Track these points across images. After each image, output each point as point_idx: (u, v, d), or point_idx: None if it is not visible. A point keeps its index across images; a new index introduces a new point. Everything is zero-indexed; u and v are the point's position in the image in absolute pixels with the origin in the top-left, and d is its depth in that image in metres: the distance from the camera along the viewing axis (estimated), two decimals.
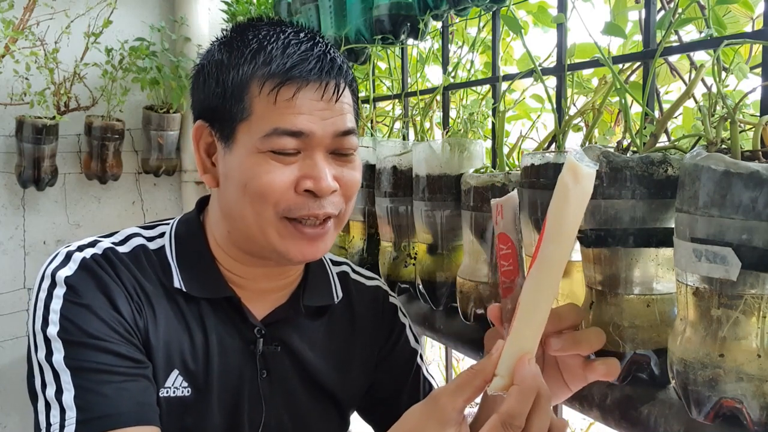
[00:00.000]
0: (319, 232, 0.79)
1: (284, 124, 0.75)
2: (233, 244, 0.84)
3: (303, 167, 0.77)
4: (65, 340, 0.74)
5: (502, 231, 0.66)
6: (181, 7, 2.37)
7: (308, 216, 0.77)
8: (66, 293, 0.77)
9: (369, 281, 1.01)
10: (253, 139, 0.76)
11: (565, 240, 0.59)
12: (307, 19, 1.46)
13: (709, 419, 0.59)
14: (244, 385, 0.85)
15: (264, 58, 0.76)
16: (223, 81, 0.78)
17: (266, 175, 0.76)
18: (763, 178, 0.53)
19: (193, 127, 0.84)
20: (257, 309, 0.87)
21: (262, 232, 0.78)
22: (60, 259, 0.80)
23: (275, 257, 0.81)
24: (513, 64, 1.39)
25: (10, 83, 2.09)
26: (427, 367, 1.01)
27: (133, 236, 0.86)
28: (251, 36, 0.79)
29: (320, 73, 0.76)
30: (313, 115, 0.76)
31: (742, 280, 0.55)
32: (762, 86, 0.66)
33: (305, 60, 0.76)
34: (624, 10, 1.01)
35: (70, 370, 0.73)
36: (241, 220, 0.80)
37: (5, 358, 2.18)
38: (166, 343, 0.81)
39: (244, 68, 0.77)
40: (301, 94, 0.76)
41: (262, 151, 0.76)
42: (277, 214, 0.77)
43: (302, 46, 0.77)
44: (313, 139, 0.77)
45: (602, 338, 0.68)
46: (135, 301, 0.80)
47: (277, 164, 0.76)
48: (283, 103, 0.75)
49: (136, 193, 2.43)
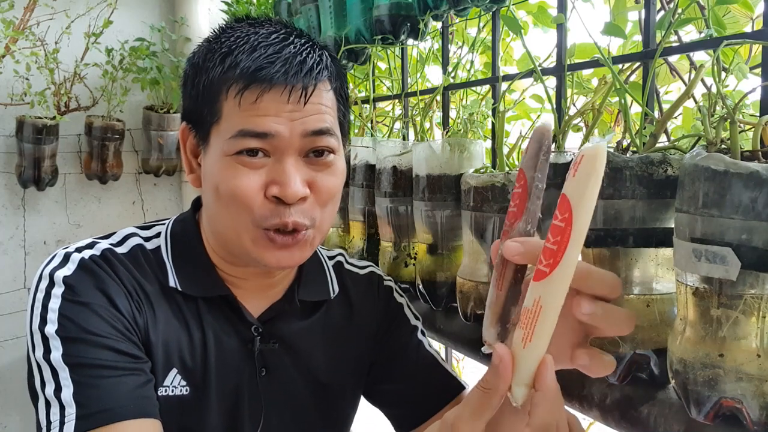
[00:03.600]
0: (290, 241, 0.77)
1: (248, 125, 0.74)
2: (219, 244, 0.85)
3: (271, 172, 0.76)
4: (63, 338, 0.74)
5: (522, 166, 0.57)
6: (181, 8, 2.38)
7: (277, 225, 0.76)
8: (64, 292, 0.76)
9: (362, 270, 1.01)
10: (221, 142, 0.76)
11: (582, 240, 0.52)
12: (307, 20, 1.47)
13: (708, 419, 0.59)
14: (243, 383, 0.85)
15: (231, 61, 0.76)
16: (197, 83, 0.79)
17: (234, 180, 0.75)
18: (762, 178, 0.53)
19: (179, 129, 0.84)
20: (253, 307, 0.87)
21: (237, 237, 0.78)
22: (58, 260, 0.80)
23: (252, 262, 0.81)
24: (513, 64, 1.39)
25: (10, 83, 2.09)
26: (429, 341, 1.00)
27: (131, 237, 0.87)
28: (224, 38, 0.78)
29: (285, 76, 0.74)
30: (280, 116, 0.75)
31: (742, 280, 0.55)
32: (762, 86, 0.66)
33: (271, 63, 0.75)
34: (624, 10, 1.01)
35: (68, 366, 0.73)
36: (219, 223, 0.80)
37: (5, 358, 2.18)
38: (165, 341, 0.81)
39: (215, 71, 0.77)
40: (266, 96, 0.74)
41: (229, 154, 0.75)
42: (252, 222, 0.76)
43: (270, 48, 0.76)
44: (281, 141, 0.75)
45: (632, 325, 0.58)
46: (135, 299, 0.80)
47: (245, 169, 0.75)
48: (248, 106, 0.74)
49: (137, 193, 2.43)
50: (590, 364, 0.58)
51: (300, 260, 0.81)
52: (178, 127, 1.95)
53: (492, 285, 0.59)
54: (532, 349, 0.53)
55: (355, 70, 1.51)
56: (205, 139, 0.79)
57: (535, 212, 0.55)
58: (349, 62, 1.37)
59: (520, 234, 0.57)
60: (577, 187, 0.49)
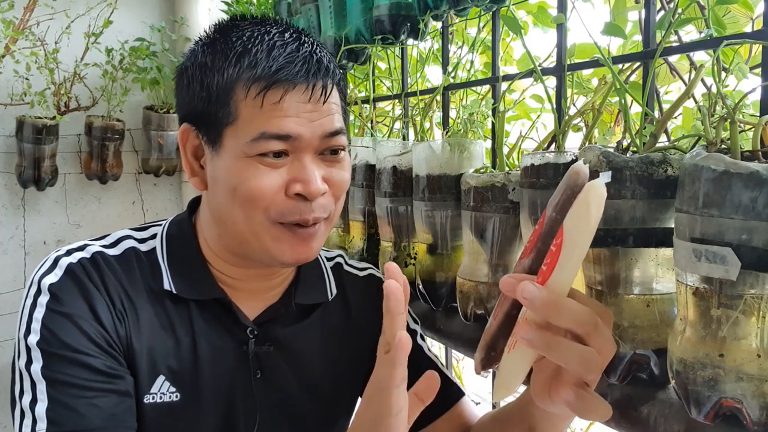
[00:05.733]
0: (310, 232, 0.79)
1: (271, 128, 0.74)
2: (223, 246, 0.84)
3: (292, 170, 0.76)
4: (44, 351, 0.75)
5: (549, 202, 0.57)
6: (181, 8, 2.38)
7: (298, 221, 0.77)
8: (49, 301, 0.77)
9: (362, 271, 1.01)
10: (240, 144, 0.75)
11: (574, 271, 0.53)
12: (307, 20, 1.47)
13: (708, 419, 0.59)
14: (237, 386, 0.84)
15: (249, 60, 0.75)
16: (207, 84, 0.77)
17: (254, 180, 0.75)
18: (762, 178, 0.53)
19: (178, 130, 0.83)
20: (249, 309, 0.86)
21: (254, 236, 0.78)
22: (47, 265, 0.80)
23: (268, 260, 0.81)
24: (513, 64, 1.39)
25: (10, 83, 2.09)
26: (428, 346, 0.99)
27: (125, 239, 0.86)
28: (235, 37, 0.77)
29: (307, 74, 0.75)
30: (300, 117, 0.75)
31: (742, 280, 0.55)
32: (762, 86, 0.66)
33: (291, 62, 0.75)
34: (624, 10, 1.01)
35: (46, 380, 0.74)
36: (232, 224, 0.79)
37: (5, 358, 2.18)
38: (150, 349, 0.80)
39: (229, 71, 0.76)
40: (288, 96, 0.74)
41: (250, 155, 0.75)
42: (269, 219, 0.77)
43: (288, 47, 0.76)
44: (301, 142, 0.76)
45: (608, 415, 0.58)
46: (118, 308, 0.80)
47: (266, 168, 0.75)
48: (270, 107, 0.74)
49: (137, 193, 2.43)
50: (576, 404, 0.57)
51: (315, 253, 0.81)
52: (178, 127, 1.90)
53: (492, 314, 0.61)
54: (512, 356, 0.57)
55: (355, 70, 1.51)
56: (217, 140, 0.77)
57: (544, 252, 0.55)
58: (349, 62, 1.37)
59: (524, 271, 0.58)
60: (570, 218, 0.51)
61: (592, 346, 0.55)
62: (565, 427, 0.82)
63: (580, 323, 0.54)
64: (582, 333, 0.55)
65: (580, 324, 0.54)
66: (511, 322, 0.58)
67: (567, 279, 0.53)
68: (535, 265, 0.56)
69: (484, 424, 0.91)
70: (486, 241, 0.93)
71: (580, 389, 0.57)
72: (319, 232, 0.80)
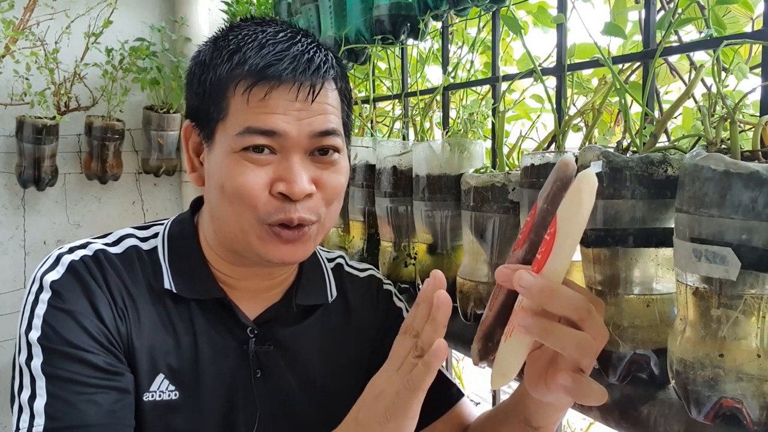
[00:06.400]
0: (296, 235, 0.78)
1: (256, 123, 0.75)
2: (220, 244, 0.84)
3: (278, 169, 0.76)
4: (44, 347, 0.75)
5: (539, 194, 0.59)
6: (181, 8, 2.38)
7: (282, 221, 0.76)
8: (51, 298, 0.77)
9: (362, 272, 1.01)
10: (227, 139, 0.76)
11: (567, 259, 0.55)
12: (307, 20, 1.47)
13: (708, 419, 0.59)
14: (238, 385, 0.84)
15: (239, 58, 0.76)
16: (203, 81, 0.79)
17: (240, 176, 0.75)
18: (762, 178, 0.53)
19: (182, 127, 0.84)
20: (249, 309, 0.87)
21: (242, 233, 0.78)
22: (50, 263, 0.81)
23: (256, 258, 0.81)
24: (513, 64, 1.39)
25: (10, 83, 2.09)
26: None
27: (127, 237, 0.87)
28: (231, 36, 0.79)
29: (294, 72, 0.75)
30: (288, 115, 0.75)
31: (742, 280, 0.55)
32: (762, 86, 0.66)
33: (280, 60, 0.75)
34: (624, 10, 1.01)
35: (45, 376, 0.74)
36: (223, 221, 0.80)
37: (5, 358, 2.18)
38: (150, 347, 0.81)
39: (222, 68, 0.77)
40: (274, 93, 0.75)
41: (236, 151, 0.75)
42: (257, 219, 0.77)
43: (278, 46, 0.77)
44: (288, 140, 0.75)
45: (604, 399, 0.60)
46: (119, 306, 0.80)
47: (251, 165, 0.75)
48: (256, 103, 0.75)
49: (137, 193, 2.43)
50: (573, 388, 0.59)
51: (303, 256, 0.81)
52: (178, 127, 1.92)
53: (487, 305, 0.62)
54: (509, 344, 0.58)
55: (355, 70, 1.51)
56: (210, 136, 0.79)
57: (537, 242, 0.57)
58: (349, 62, 1.37)
59: (518, 261, 0.59)
60: (563, 207, 0.53)
61: (586, 332, 0.57)
62: (560, 417, 0.82)
63: (575, 309, 0.56)
64: (577, 318, 0.56)
65: (575, 309, 0.56)
66: (507, 312, 0.60)
67: (561, 267, 0.54)
68: (528, 255, 0.58)
69: (481, 422, 0.92)
70: (486, 241, 0.93)
71: (576, 374, 0.59)
72: (306, 236, 0.79)
